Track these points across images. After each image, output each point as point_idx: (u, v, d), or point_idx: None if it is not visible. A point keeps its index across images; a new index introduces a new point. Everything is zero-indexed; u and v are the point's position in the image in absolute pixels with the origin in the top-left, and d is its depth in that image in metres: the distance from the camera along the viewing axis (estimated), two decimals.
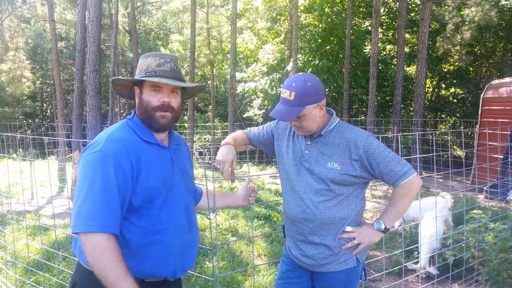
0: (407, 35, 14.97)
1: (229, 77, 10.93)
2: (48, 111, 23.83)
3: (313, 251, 1.97)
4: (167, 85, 1.66)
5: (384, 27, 16.64)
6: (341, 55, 14.01)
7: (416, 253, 4.30)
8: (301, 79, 1.86)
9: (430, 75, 16.90)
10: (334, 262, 1.96)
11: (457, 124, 14.96)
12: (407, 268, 4.16)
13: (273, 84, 13.36)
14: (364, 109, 17.17)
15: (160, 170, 1.63)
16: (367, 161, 1.87)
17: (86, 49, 7.50)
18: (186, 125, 14.73)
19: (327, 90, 13.18)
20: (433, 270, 3.96)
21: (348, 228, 1.95)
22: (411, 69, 16.94)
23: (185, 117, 15.92)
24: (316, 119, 1.91)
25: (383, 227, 1.96)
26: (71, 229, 1.51)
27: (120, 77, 1.75)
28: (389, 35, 17.16)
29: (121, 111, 19.63)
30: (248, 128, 2.26)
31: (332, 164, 1.89)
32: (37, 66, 20.65)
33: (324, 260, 1.96)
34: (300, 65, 13.18)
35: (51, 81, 20.03)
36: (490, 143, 7.05)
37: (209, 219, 2.02)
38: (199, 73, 20.91)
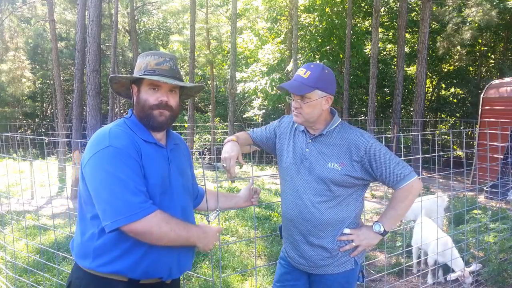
0: (407, 35, 14.95)
1: (229, 77, 10.93)
2: (48, 111, 23.81)
3: (311, 253, 1.95)
4: (166, 84, 1.63)
5: (384, 27, 16.63)
6: (341, 55, 13.99)
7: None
8: (320, 64, 1.88)
9: (430, 75, 16.90)
10: (332, 264, 1.95)
11: (457, 124, 14.95)
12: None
13: (273, 84, 13.33)
14: (364, 109, 17.17)
15: (158, 168, 1.62)
16: (368, 163, 1.86)
17: (86, 49, 7.49)
18: (186, 125, 14.73)
19: None
20: (430, 279, 3.95)
21: (346, 231, 1.93)
22: (411, 69, 16.93)
23: (185, 117, 15.92)
24: (319, 110, 1.89)
25: (382, 229, 1.94)
26: (113, 224, 1.45)
27: (118, 74, 1.73)
28: (389, 35, 17.14)
29: (121, 111, 19.61)
30: (251, 129, 2.25)
31: (333, 164, 1.87)
32: (37, 66, 20.63)
33: (322, 262, 1.95)
34: (300, 65, 13.16)
35: (51, 81, 20.02)
36: (490, 143, 7.05)
37: (208, 221, 1.99)
38: (199, 73, 20.90)
